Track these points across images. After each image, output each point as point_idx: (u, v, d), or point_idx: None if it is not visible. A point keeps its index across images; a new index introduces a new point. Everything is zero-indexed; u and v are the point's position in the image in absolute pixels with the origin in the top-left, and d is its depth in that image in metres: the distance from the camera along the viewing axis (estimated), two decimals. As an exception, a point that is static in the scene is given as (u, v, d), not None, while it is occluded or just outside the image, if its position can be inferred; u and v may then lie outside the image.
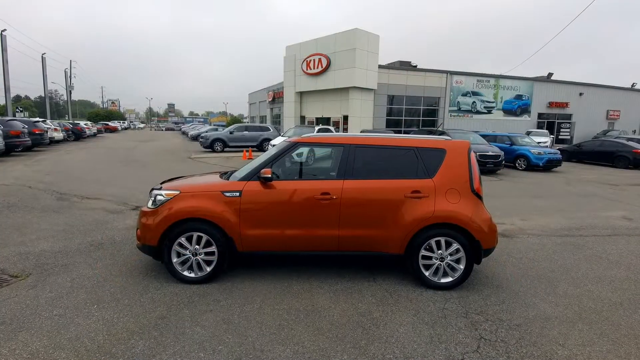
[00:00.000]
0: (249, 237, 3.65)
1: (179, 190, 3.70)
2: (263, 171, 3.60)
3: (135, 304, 3.26)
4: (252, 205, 3.64)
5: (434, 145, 3.78)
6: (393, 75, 24.60)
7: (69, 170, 11.64)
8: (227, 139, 20.24)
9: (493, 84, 28.43)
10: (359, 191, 3.66)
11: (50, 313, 3.09)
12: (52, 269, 4.03)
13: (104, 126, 45.00)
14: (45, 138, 18.65)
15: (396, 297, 3.50)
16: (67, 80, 48.86)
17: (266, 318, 3.07)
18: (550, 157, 14.84)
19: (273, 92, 33.43)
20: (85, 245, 4.83)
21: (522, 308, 3.36)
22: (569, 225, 6.47)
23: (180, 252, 3.66)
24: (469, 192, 3.65)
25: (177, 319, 3.02)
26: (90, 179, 10.14)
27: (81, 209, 6.78)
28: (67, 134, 25.66)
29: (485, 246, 3.60)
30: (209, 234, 3.61)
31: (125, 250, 4.64)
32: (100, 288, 3.58)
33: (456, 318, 3.13)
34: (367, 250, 3.72)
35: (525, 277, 4.09)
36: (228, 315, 3.09)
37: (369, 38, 22.30)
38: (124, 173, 11.46)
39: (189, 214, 3.57)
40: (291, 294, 3.52)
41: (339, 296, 3.50)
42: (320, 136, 3.94)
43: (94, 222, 5.90)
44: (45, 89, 40.05)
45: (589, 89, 32.36)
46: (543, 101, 30.65)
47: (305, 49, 24.66)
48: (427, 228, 3.58)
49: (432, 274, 3.66)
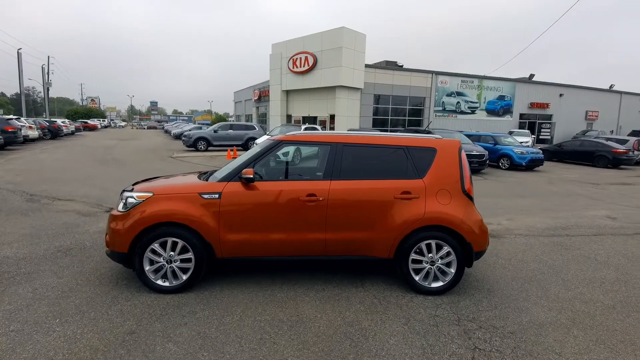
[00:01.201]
0: (229, 242, 3.40)
1: (152, 192, 3.42)
2: (244, 171, 3.36)
3: (101, 318, 2.98)
4: (232, 208, 3.40)
5: (424, 144, 3.62)
6: (379, 74, 24.56)
7: (43, 170, 11.07)
8: (211, 137, 19.78)
9: (477, 85, 28.77)
10: (346, 192, 3.46)
11: (6, 329, 2.78)
12: (13, 277, 3.69)
13: (82, 124, 43.50)
14: (18, 136, 17.78)
15: (385, 303, 3.32)
16: (44, 77, 47.08)
17: (246, 331, 2.84)
18: (532, 157, 15.02)
19: (259, 90, 32.98)
20: (53, 251, 4.48)
21: (515, 313, 3.23)
22: (555, 225, 6.45)
23: (154, 259, 3.38)
24: (459, 192, 3.50)
25: (147, 334, 2.75)
26: (64, 179, 9.64)
27: (51, 211, 6.37)
28: (43, 132, 24.60)
29: (477, 249, 3.46)
30: (185, 240, 3.34)
31: (95, 256, 4.32)
32: (65, 299, 3.28)
33: (448, 326, 2.97)
34: (355, 254, 3.53)
35: (516, 280, 3.99)
36: (204, 329, 2.84)
37: (356, 37, 22.19)
38: (101, 173, 10.97)
39: (163, 218, 3.30)
40: (275, 303, 3.30)
41: (326, 304, 3.30)
42: (305, 134, 3.72)
43: (64, 226, 5.52)
44: (21, 86, 38.46)
45: (568, 90, 33.14)
46: (524, 102, 31.21)
47: (292, 47, 24.36)
48: (417, 230, 3.41)
49: (422, 279, 3.50)
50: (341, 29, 21.46)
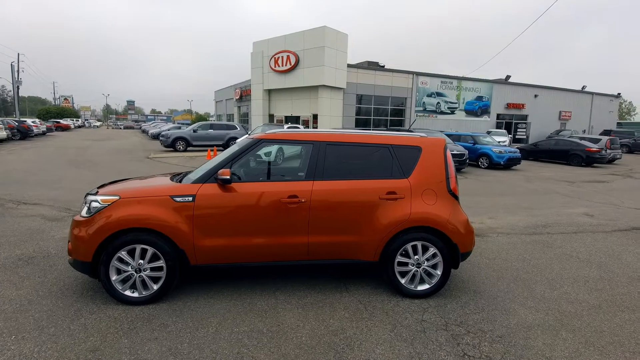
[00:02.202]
0: (204, 248, 3.17)
1: (118, 195, 3.16)
2: (221, 172, 3.14)
3: (62, 334, 2.71)
4: (207, 211, 3.17)
5: (410, 142, 3.50)
6: (362, 74, 24.57)
7: (9, 172, 10.42)
8: (190, 137, 19.25)
9: (456, 86, 29.24)
10: (330, 193, 3.30)
11: (-50, 350, 2.47)
12: (-36, 291, 3.34)
13: (55, 124, 41.70)
14: (-18, 137, 16.79)
15: (371, 309, 3.18)
16: (13, 75, 44.79)
17: (222, 345, 2.63)
18: (510, 156, 15.31)
19: (240, 89, 32.43)
20: (13, 259, 4.13)
21: (503, 316, 3.15)
22: (535, 223, 6.50)
23: (121, 269, 3.12)
24: (445, 192, 3.40)
25: (112, 352, 2.50)
26: (32, 181, 9.09)
27: (15, 216, 5.94)
28: (12, 133, 23.35)
29: (463, 250, 3.37)
30: (155, 247, 3.10)
31: (59, 265, 4.00)
32: (23, 313, 2.98)
33: (436, 331, 2.85)
34: (339, 258, 3.37)
35: (502, 280, 3.93)
36: (176, 344, 2.61)
37: (338, 36, 22.10)
38: (72, 175, 10.42)
39: (131, 223, 3.04)
40: (254, 313, 3.10)
41: (309, 312, 3.12)
42: (286, 132, 3.53)
43: (28, 232, 5.13)
44: (-15, 83, 36.44)
45: (543, 91, 34.17)
46: (501, 102, 31.96)
47: (274, 45, 24.04)
48: (403, 232, 3.29)
49: (408, 282, 3.38)
50: (323, 28, 21.32)
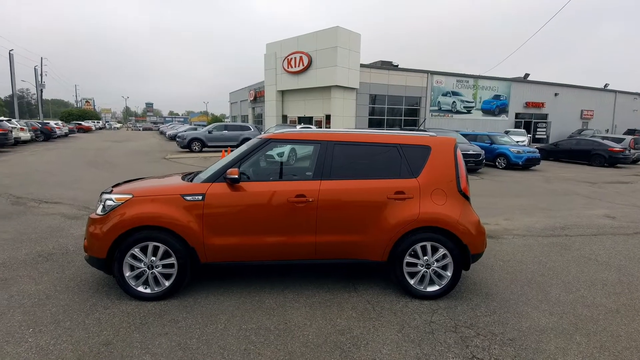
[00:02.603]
0: (213, 246, 3.23)
1: (131, 193, 3.24)
2: (229, 171, 3.19)
3: (77, 327, 2.80)
4: (217, 210, 3.22)
5: (418, 141, 3.47)
6: (375, 74, 24.46)
7: (32, 172, 10.83)
8: (205, 138, 19.55)
9: (472, 84, 28.75)
10: (337, 193, 3.30)
11: (-26, 340, 2.60)
12: (-12, 285, 3.50)
13: (76, 126, 43.14)
14: (9, 138, 17.52)
15: (379, 309, 3.16)
16: (37, 79, 46.54)
17: (230, 341, 2.66)
18: (529, 156, 14.94)
19: (254, 91, 32.78)
20: (33, 255, 4.29)
21: (515, 319, 3.08)
22: (554, 225, 6.33)
23: (134, 265, 3.20)
24: (455, 192, 3.35)
25: (124, 345, 2.57)
26: (53, 181, 9.42)
27: (37, 214, 6.17)
28: (35, 134, 24.25)
29: (474, 251, 3.31)
30: (166, 244, 3.17)
31: (77, 261, 4.13)
32: (41, 307, 3.09)
33: (445, 333, 2.81)
34: (347, 257, 3.36)
35: (515, 283, 3.84)
36: (185, 340, 2.67)
37: (350, 36, 22.07)
38: (91, 175, 10.75)
39: (143, 221, 3.12)
40: (262, 310, 3.13)
41: (316, 311, 3.13)
42: (294, 132, 3.55)
43: (48, 229, 5.33)
44: (13, 88, 37.96)
45: (564, 90, 33.22)
46: (520, 101, 31.24)
47: (286, 46, 24.21)
48: (411, 232, 3.26)
49: (417, 282, 3.35)
50: (336, 28, 21.33)
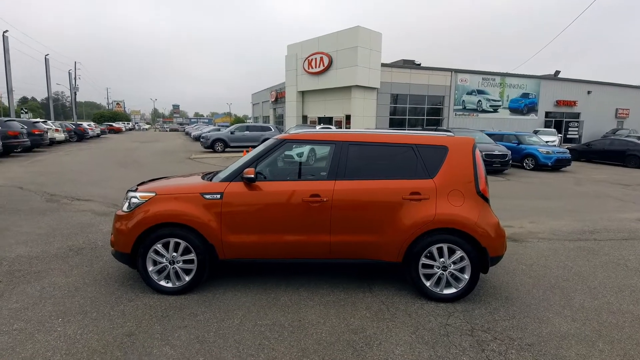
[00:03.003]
0: (231, 243, 3.32)
1: (154, 192, 3.39)
2: (246, 171, 3.27)
3: (103, 318, 2.95)
4: (234, 209, 3.31)
5: (435, 142, 3.43)
6: (396, 73, 24.20)
7: (65, 171, 11.43)
8: (228, 139, 19.98)
9: (499, 82, 27.91)
10: (351, 193, 3.31)
11: (10, 327, 2.79)
12: (24, 276, 3.74)
13: (107, 127, 45.05)
14: (45, 139, 18.53)
15: (393, 310, 3.15)
16: (71, 82, 49.02)
17: (245, 336, 2.73)
18: (559, 157, 14.36)
19: (276, 92, 33.17)
20: (64, 250, 4.54)
21: (535, 324, 3.00)
22: (582, 229, 6.07)
23: (157, 260, 3.34)
24: (474, 193, 3.29)
25: (145, 337, 2.70)
26: (84, 180, 9.90)
27: (69, 211, 6.51)
28: (69, 135, 25.57)
29: (493, 254, 3.24)
30: (187, 240, 3.29)
31: (104, 256, 4.34)
32: (70, 299, 3.28)
33: (460, 336, 2.77)
34: (361, 257, 3.37)
35: (537, 287, 3.72)
36: (203, 333, 2.76)
37: (371, 36, 21.94)
38: (120, 174, 11.22)
39: (165, 218, 3.25)
40: (277, 307, 3.19)
41: (330, 309, 3.16)
42: (309, 132, 3.60)
43: (79, 225, 5.62)
44: (49, 90, 40.16)
45: (597, 87, 31.69)
46: (550, 99, 30.06)
47: (307, 47, 24.35)
48: (427, 233, 3.22)
49: (433, 285, 3.31)
50: (356, 28, 21.26)
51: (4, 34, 27.50)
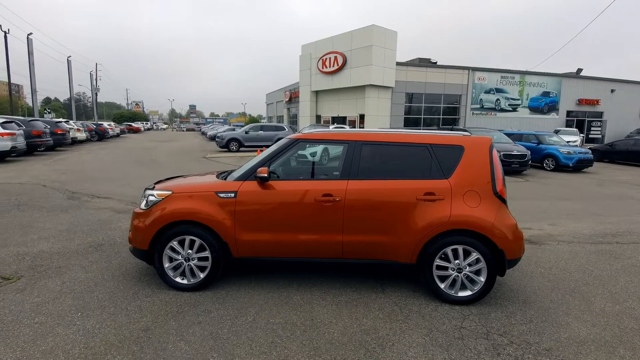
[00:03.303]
0: (244, 241, 3.35)
1: (171, 190, 3.45)
2: (259, 170, 3.30)
3: (120, 313, 3.03)
4: (247, 207, 3.34)
5: (450, 141, 3.37)
6: (411, 72, 23.94)
7: (86, 170, 11.77)
8: (242, 138, 20.20)
9: (518, 81, 27.26)
10: (364, 192, 3.29)
11: (31, 320, 2.89)
12: (45, 271, 3.87)
13: (127, 127, 46.19)
14: (67, 138, 19.14)
15: (407, 312, 3.12)
16: (92, 83, 50.48)
17: (258, 334, 2.76)
18: (580, 157, 13.93)
19: (290, 91, 33.32)
20: (85, 246, 4.68)
21: (553, 328, 2.92)
22: (604, 231, 5.87)
23: (173, 257, 3.40)
24: (490, 194, 3.22)
25: (161, 332, 2.75)
26: (104, 178, 10.18)
27: (89, 208, 6.70)
28: (90, 135, 26.35)
29: (510, 256, 3.16)
30: (202, 238, 3.34)
31: (123, 252, 4.45)
32: (89, 293, 3.38)
33: (475, 340, 2.72)
34: (373, 258, 3.35)
35: (556, 291, 3.62)
36: (217, 329, 2.80)
37: (386, 34, 21.77)
38: (138, 172, 11.49)
39: (181, 216, 3.31)
40: (290, 306, 3.20)
41: (342, 309, 3.15)
42: (321, 132, 3.60)
43: (99, 222, 5.78)
44: (71, 91, 41.46)
45: (621, 86, 30.57)
46: (572, 98, 29.17)
47: (321, 47, 24.36)
48: (442, 235, 3.17)
49: (448, 287, 3.26)
50: (371, 27, 21.14)
51: (28, 36, 28.52)
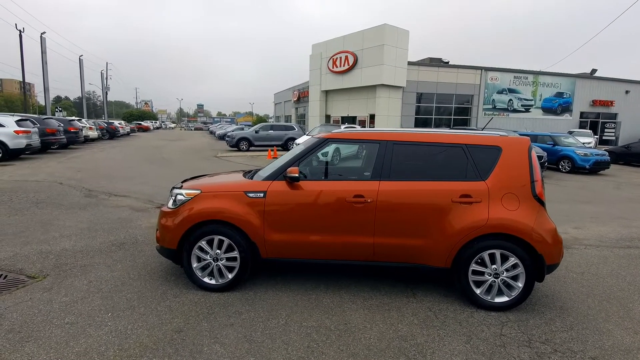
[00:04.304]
0: (273, 242, 3.29)
1: (199, 189, 3.41)
2: (289, 170, 3.23)
3: (151, 313, 2.99)
4: (277, 208, 3.28)
5: (487, 142, 3.27)
6: (423, 72, 23.73)
7: (100, 167, 11.84)
8: (252, 138, 20.20)
9: (531, 81, 26.89)
10: (397, 194, 3.21)
11: (61, 321, 2.86)
12: (70, 270, 3.85)
13: (136, 125, 46.61)
14: (80, 136, 19.31)
15: (442, 318, 3.03)
16: (103, 82, 50.95)
17: (292, 337, 2.69)
18: (597, 159, 13.67)
19: (298, 91, 33.27)
20: (107, 244, 4.66)
21: (596, 336, 2.81)
22: (630, 235, 5.72)
23: (201, 257, 3.36)
24: (530, 197, 3.12)
25: (194, 334, 2.70)
26: (119, 176, 10.22)
27: (108, 206, 6.71)
28: (101, 133, 26.59)
29: (550, 261, 3.06)
30: (230, 238, 3.28)
31: (146, 251, 4.43)
32: (117, 293, 3.35)
33: (518, 347, 2.63)
34: (406, 261, 3.27)
35: (592, 297, 3.51)
36: (250, 332, 2.74)
37: (398, 34, 21.60)
38: (152, 171, 11.52)
39: (210, 216, 3.26)
40: (320, 309, 3.13)
41: (375, 314, 3.08)
42: (352, 132, 3.52)
43: (119, 221, 5.77)
44: (82, 90, 41.88)
45: (636, 87, 30.00)
46: (586, 99, 28.71)
47: (332, 46, 24.26)
48: (478, 239, 3.08)
49: (484, 292, 3.16)
50: (383, 26, 20.99)
51: (42, 35, 28.86)
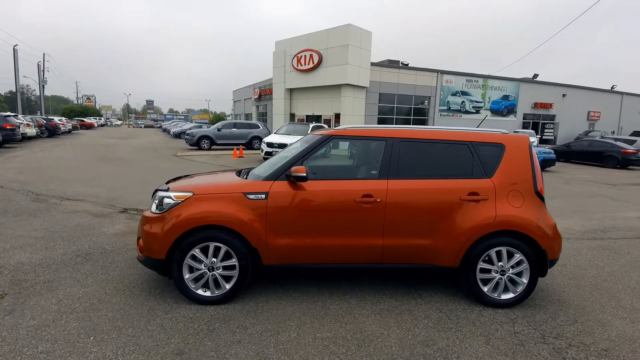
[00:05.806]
0: (277, 247, 3.05)
1: (191, 191, 3.06)
2: (295, 169, 3.00)
3: (142, 335, 2.61)
4: (280, 210, 3.04)
5: (491, 139, 3.28)
6: (385, 73, 24.23)
7: (45, 168, 10.62)
8: (214, 136, 19.37)
9: (481, 84, 28.56)
10: (406, 193, 3.11)
11: (34, 350, 2.40)
12: (32, 287, 3.31)
13: (79, 122, 42.78)
14: (17, 134, 17.26)
15: (454, 318, 2.98)
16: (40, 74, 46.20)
17: (310, 351, 2.48)
18: (545, 157, 14.76)
19: (259, 88, 32.53)
20: (71, 255, 4.10)
21: (600, 328, 2.91)
22: (593, 228, 6.17)
23: (194, 267, 3.02)
24: (532, 193, 3.17)
25: (198, 355, 2.39)
26: (70, 178, 9.21)
27: (62, 212, 5.97)
28: (40, 130, 24.01)
29: (552, 256, 3.13)
30: (229, 245, 2.98)
31: (119, 262, 3.95)
32: (95, 312, 2.91)
33: (535, 345, 2.63)
34: (415, 262, 3.18)
35: (582, 289, 3.67)
36: (262, 348, 2.49)
37: (362, 34, 21.85)
38: (107, 171, 10.54)
39: (205, 221, 2.93)
40: (330, 317, 2.95)
41: (387, 319, 2.95)
42: (358, 128, 3.37)
43: (78, 228, 5.13)
44: (17, 83, 37.64)
45: (572, 91, 33.06)
46: (528, 102, 31.07)
47: (296, 44, 23.96)
48: (487, 236, 3.07)
49: (491, 290, 3.16)
50: (348, 26, 21.11)
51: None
